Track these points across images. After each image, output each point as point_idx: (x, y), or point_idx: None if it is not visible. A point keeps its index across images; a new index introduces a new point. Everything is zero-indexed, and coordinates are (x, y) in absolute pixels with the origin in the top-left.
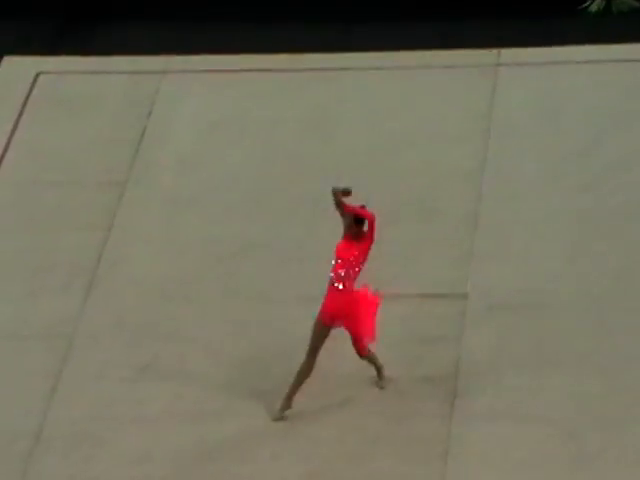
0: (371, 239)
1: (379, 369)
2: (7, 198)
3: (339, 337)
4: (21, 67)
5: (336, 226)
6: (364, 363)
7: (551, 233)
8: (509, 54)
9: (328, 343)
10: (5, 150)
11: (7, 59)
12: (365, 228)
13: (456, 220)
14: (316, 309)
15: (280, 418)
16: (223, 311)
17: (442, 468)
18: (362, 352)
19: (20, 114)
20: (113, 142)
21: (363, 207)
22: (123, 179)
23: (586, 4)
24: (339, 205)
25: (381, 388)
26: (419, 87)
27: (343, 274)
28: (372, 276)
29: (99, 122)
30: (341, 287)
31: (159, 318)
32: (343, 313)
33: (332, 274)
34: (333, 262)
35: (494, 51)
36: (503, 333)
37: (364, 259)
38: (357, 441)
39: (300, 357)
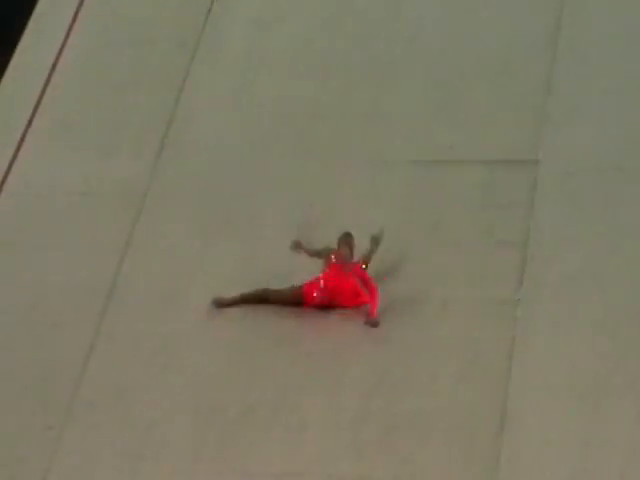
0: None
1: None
2: (82, 57)
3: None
4: None
5: (410, 88)
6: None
7: (626, 98)
8: None
9: None
10: (78, 8)
11: None
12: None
13: (530, 85)
14: (390, 172)
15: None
16: (294, 172)
17: (512, 332)
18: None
19: None
20: (185, 3)
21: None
22: (195, 40)
23: None
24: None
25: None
26: None
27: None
28: (446, 141)
29: None
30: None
31: (229, 178)
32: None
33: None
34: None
35: None
36: (575, 199)
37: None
38: (427, 304)
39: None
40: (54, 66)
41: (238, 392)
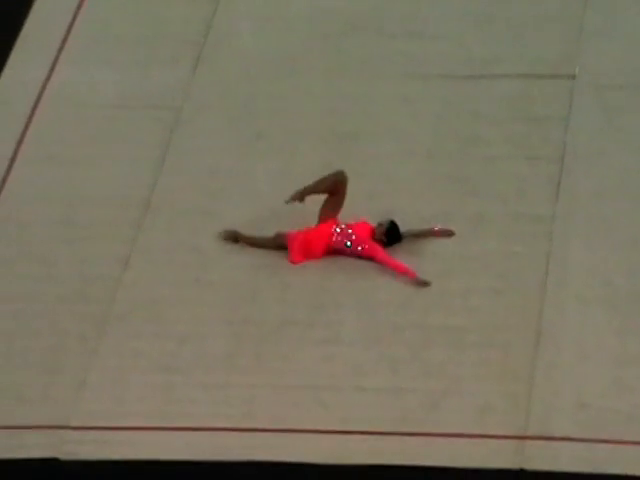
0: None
1: None
2: None
3: None
4: None
5: (444, 2)
6: None
7: None
8: None
9: None
10: None
11: None
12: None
13: None
14: (423, 87)
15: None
16: (328, 87)
17: (546, 247)
18: None
19: None
20: None
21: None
22: None
23: None
24: None
25: None
26: None
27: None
28: (480, 55)
29: None
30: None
31: (264, 92)
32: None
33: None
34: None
35: None
36: (611, 114)
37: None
38: (461, 219)
39: (409, 134)
40: None
41: (272, 307)
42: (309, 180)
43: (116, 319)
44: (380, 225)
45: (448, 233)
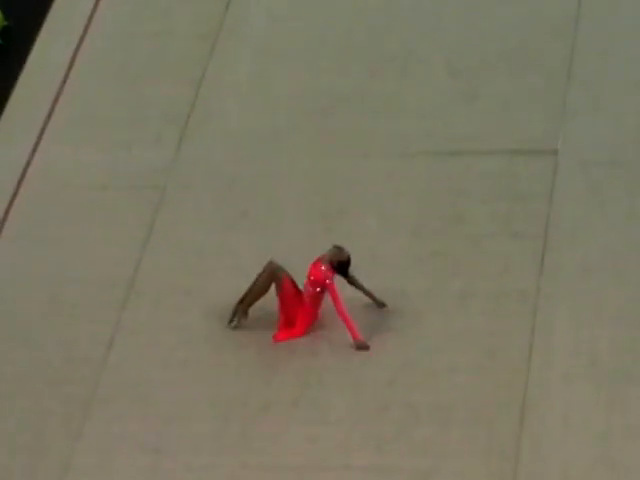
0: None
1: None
2: (100, 49)
3: None
4: None
5: (427, 79)
6: None
7: None
8: None
9: None
10: (98, 1)
11: None
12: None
13: (548, 75)
14: (408, 164)
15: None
16: (313, 165)
17: (531, 323)
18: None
19: None
20: None
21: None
22: (215, 31)
23: None
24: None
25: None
26: None
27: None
28: (464, 132)
29: None
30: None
31: (249, 171)
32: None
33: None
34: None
35: None
36: (594, 189)
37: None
38: (447, 296)
39: (393, 211)
40: (73, 59)
41: (257, 387)
42: (295, 258)
43: (101, 401)
44: (338, 249)
45: (382, 304)
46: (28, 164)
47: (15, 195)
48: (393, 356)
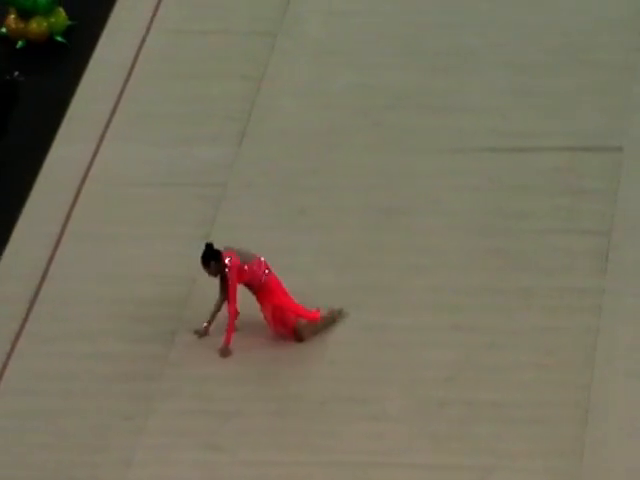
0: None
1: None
2: (161, 47)
3: None
4: None
5: (489, 75)
6: None
7: None
8: None
9: None
10: (158, 2)
11: None
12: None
13: (612, 69)
14: (468, 160)
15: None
16: (372, 162)
17: (595, 322)
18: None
19: None
20: None
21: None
22: (274, 29)
23: None
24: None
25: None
26: None
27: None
28: (525, 128)
29: None
30: None
31: (308, 168)
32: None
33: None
34: None
35: None
36: None
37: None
38: (509, 293)
39: (454, 208)
40: (135, 58)
41: (317, 383)
42: (354, 255)
43: (162, 397)
44: None
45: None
46: (91, 162)
47: (78, 193)
48: (452, 353)
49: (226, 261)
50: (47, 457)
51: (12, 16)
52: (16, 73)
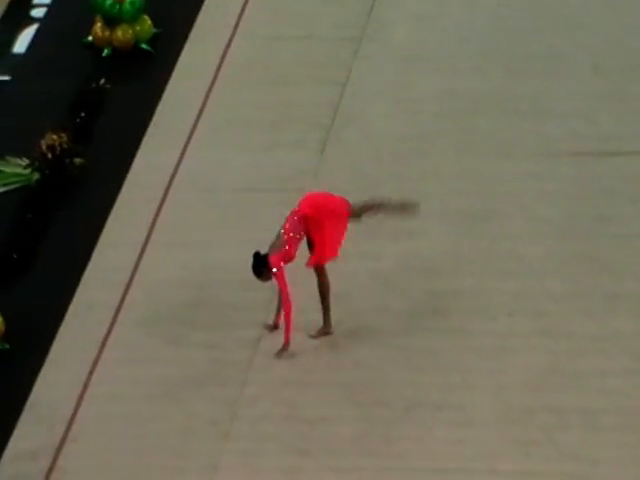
0: None
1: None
2: (245, 53)
3: None
4: None
5: (572, 80)
6: None
7: None
8: None
9: None
10: (244, 6)
11: None
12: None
13: None
14: (553, 165)
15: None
16: (456, 166)
17: None
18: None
19: None
20: None
21: None
22: (358, 35)
23: None
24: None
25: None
26: None
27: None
28: (611, 133)
29: None
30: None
31: (393, 173)
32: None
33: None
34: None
35: None
36: None
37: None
38: (595, 298)
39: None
40: (220, 64)
41: (402, 389)
42: (439, 260)
43: (247, 402)
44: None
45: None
46: (176, 169)
47: (164, 200)
48: (539, 358)
49: (273, 270)
50: (133, 462)
51: (98, 24)
52: (102, 81)
